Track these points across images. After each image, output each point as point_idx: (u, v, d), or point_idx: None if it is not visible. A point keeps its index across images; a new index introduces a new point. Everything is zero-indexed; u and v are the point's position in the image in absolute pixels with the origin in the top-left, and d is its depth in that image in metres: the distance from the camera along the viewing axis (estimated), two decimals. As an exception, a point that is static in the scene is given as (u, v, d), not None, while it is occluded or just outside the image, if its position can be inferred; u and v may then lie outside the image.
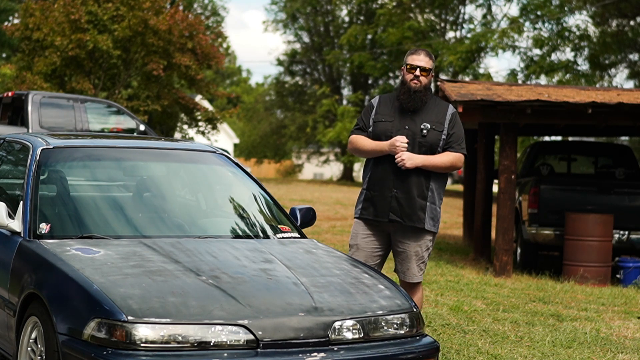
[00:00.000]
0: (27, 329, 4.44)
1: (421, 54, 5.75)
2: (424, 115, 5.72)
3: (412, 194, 5.66)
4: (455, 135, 5.74)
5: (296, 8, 42.42)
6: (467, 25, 37.24)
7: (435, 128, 5.69)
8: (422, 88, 5.70)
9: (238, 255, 4.69)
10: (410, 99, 5.70)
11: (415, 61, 5.72)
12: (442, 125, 5.71)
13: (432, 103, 5.79)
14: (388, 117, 5.75)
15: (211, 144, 18.12)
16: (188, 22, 22.52)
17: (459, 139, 5.75)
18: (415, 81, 5.69)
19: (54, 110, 14.48)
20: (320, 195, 23.57)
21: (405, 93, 5.71)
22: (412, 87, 5.69)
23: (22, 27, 21.85)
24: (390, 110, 5.78)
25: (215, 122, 25.03)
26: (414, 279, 5.78)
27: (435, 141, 5.69)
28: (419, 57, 5.73)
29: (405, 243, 5.74)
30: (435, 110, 5.77)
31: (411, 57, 5.76)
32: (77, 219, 5.04)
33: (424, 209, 5.69)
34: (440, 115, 5.74)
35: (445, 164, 5.69)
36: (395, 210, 5.67)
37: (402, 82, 5.77)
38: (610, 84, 33.04)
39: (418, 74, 5.69)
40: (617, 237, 11.16)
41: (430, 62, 5.75)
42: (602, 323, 7.65)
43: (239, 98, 53.44)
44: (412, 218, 5.67)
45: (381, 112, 5.79)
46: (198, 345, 3.91)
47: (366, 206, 5.78)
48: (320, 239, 10.12)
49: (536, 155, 12.92)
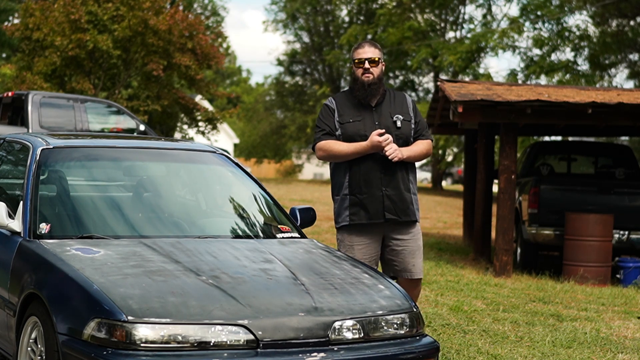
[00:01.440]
0: (27, 329, 4.44)
1: (365, 45, 5.64)
2: (387, 107, 5.64)
3: (401, 189, 5.59)
4: (422, 122, 5.73)
5: (296, 8, 42.41)
6: (467, 25, 37.24)
7: (405, 118, 5.64)
8: (376, 80, 5.59)
9: (238, 255, 4.69)
10: (367, 93, 5.58)
11: (361, 54, 5.60)
12: (409, 114, 5.67)
13: (389, 94, 5.70)
14: (355, 117, 5.59)
15: (211, 144, 18.12)
16: (188, 22, 22.52)
17: (425, 126, 5.74)
18: (366, 75, 5.58)
19: (54, 110, 14.49)
20: (320, 195, 23.57)
21: (360, 89, 5.59)
22: (366, 81, 5.58)
23: (22, 27, 21.85)
24: (353, 109, 5.63)
25: (215, 122, 25.03)
26: (420, 273, 5.72)
27: (408, 132, 5.64)
28: (364, 50, 5.61)
29: (404, 239, 5.67)
30: (397, 101, 5.69)
31: (356, 52, 5.64)
32: (77, 219, 5.04)
33: (412, 202, 5.65)
34: (403, 105, 5.69)
35: (423, 152, 5.67)
36: (389, 208, 5.56)
37: (354, 79, 5.63)
38: (610, 84, 33.04)
39: (367, 66, 5.57)
40: (617, 237, 11.16)
41: (377, 52, 5.63)
42: (602, 323, 7.65)
43: (239, 98, 53.44)
44: (407, 212, 5.62)
45: (344, 112, 5.61)
46: (198, 345, 3.91)
47: (355, 211, 5.58)
48: (320, 239, 10.11)
49: (536, 155, 12.92)
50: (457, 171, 47.76)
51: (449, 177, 50.02)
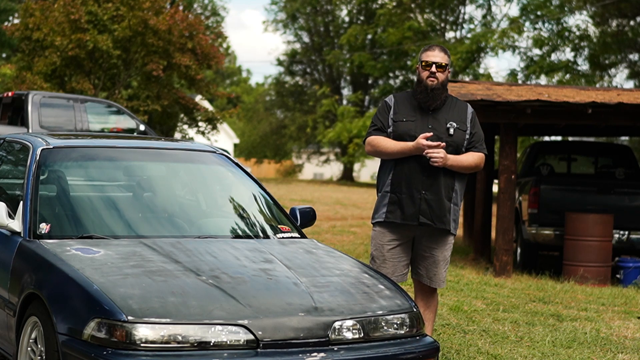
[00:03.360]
0: (27, 329, 4.44)
1: (436, 49, 5.55)
2: (445, 114, 5.53)
3: (441, 195, 5.46)
4: (477, 134, 5.59)
5: (296, 8, 42.44)
6: (467, 25, 37.28)
7: (460, 127, 5.52)
8: (440, 85, 5.49)
9: (238, 255, 4.69)
10: (429, 97, 5.49)
11: (430, 57, 5.50)
12: (465, 124, 5.54)
13: (450, 101, 5.60)
14: (409, 117, 5.50)
15: (211, 144, 18.12)
16: (188, 22, 22.53)
17: (480, 139, 5.60)
18: (431, 78, 5.48)
19: (54, 110, 14.49)
20: (320, 195, 23.57)
21: (423, 92, 5.50)
22: (429, 85, 5.47)
23: (22, 27, 21.86)
24: (410, 110, 5.53)
25: (215, 122, 25.04)
26: (441, 284, 5.61)
27: (460, 141, 5.52)
28: (434, 53, 5.52)
29: (433, 248, 5.56)
30: (456, 109, 5.58)
31: (425, 53, 5.55)
32: (77, 219, 5.04)
33: (449, 211, 5.51)
34: (462, 114, 5.56)
35: (471, 164, 5.53)
36: (425, 212, 5.45)
37: (419, 81, 5.55)
38: (610, 84, 33.04)
39: (434, 70, 5.48)
40: (617, 237, 11.16)
41: (446, 58, 5.54)
42: (602, 323, 7.65)
43: (239, 98, 53.45)
44: (443, 220, 5.48)
45: (400, 111, 5.53)
46: (198, 345, 3.91)
47: (392, 209, 5.50)
48: (320, 239, 10.11)
49: (536, 155, 12.92)
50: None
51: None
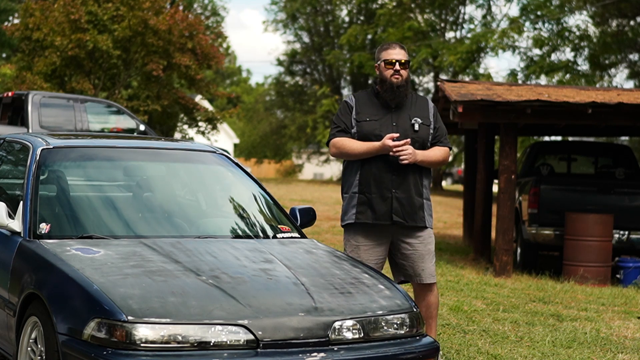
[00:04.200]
0: (27, 329, 4.44)
1: (396, 47, 5.59)
2: (408, 110, 5.57)
3: (411, 193, 5.51)
4: (441, 129, 5.65)
5: (296, 8, 42.41)
6: (467, 25, 37.25)
7: (424, 122, 5.57)
8: (404, 82, 5.54)
9: (238, 255, 4.69)
10: (395, 95, 5.52)
11: (392, 55, 5.54)
12: (429, 119, 5.60)
13: (412, 97, 5.64)
14: (372, 116, 5.53)
15: (211, 144, 18.12)
16: (188, 22, 22.53)
17: (444, 133, 5.66)
18: (396, 76, 5.52)
19: (54, 110, 14.49)
20: (320, 195, 23.57)
21: (388, 90, 5.52)
22: (395, 83, 5.52)
23: (22, 27, 21.86)
24: (372, 108, 5.57)
25: (215, 122, 25.03)
26: (432, 278, 5.61)
27: (426, 136, 5.57)
28: (395, 51, 5.56)
29: (413, 243, 5.58)
30: (418, 104, 5.63)
31: (387, 52, 5.58)
32: (77, 219, 5.04)
33: (422, 207, 5.56)
34: (424, 109, 5.62)
35: (439, 158, 5.58)
36: (397, 211, 5.49)
37: (382, 80, 5.56)
38: (610, 84, 33.04)
39: (398, 68, 5.52)
40: (617, 237, 11.16)
41: (406, 55, 5.60)
42: (602, 323, 7.65)
43: (239, 98, 53.45)
44: (414, 217, 5.53)
45: (363, 111, 5.55)
46: (198, 345, 3.91)
47: (362, 210, 5.52)
48: (320, 239, 10.11)
49: (536, 155, 12.92)
50: (457, 171, 47.80)
51: (449, 177, 50.05)
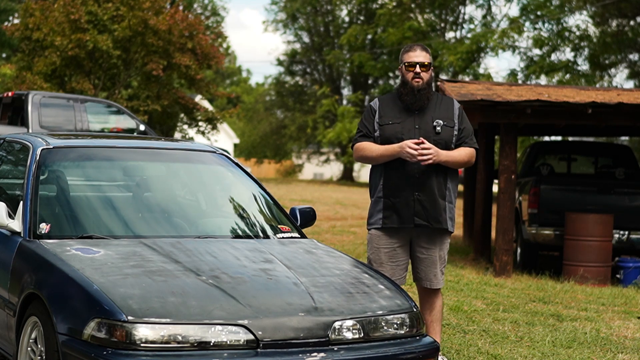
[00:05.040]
0: (27, 329, 4.44)
1: (417, 49, 5.51)
2: (431, 112, 5.49)
3: (435, 195, 5.43)
4: (466, 129, 5.56)
5: (296, 8, 42.44)
6: (467, 25, 37.28)
7: (447, 124, 5.48)
8: (425, 85, 5.46)
9: (238, 255, 4.69)
10: (416, 99, 5.45)
11: (413, 58, 5.47)
12: (453, 120, 5.51)
13: (436, 98, 5.56)
14: (395, 119, 5.45)
15: (211, 144, 18.12)
16: (188, 22, 22.54)
17: (470, 133, 5.57)
18: (417, 79, 5.44)
19: (54, 110, 14.49)
20: (320, 195, 23.57)
21: (409, 93, 5.45)
22: (416, 86, 5.45)
23: (22, 27, 21.87)
24: (395, 112, 5.48)
25: (215, 122, 25.04)
26: (440, 284, 5.59)
27: (449, 138, 5.48)
28: (416, 54, 5.49)
29: (429, 248, 5.53)
30: (442, 105, 5.54)
31: (407, 54, 5.51)
32: (77, 219, 5.04)
33: (445, 210, 5.48)
34: (448, 110, 5.53)
35: (464, 159, 5.51)
36: (420, 214, 5.42)
37: (404, 82, 5.49)
38: (610, 84, 33.04)
39: (418, 70, 5.45)
40: (617, 237, 11.16)
41: (428, 56, 5.51)
42: (602, 323, 7.65)
43: (239, 98, 53.46)
44: (439, 220, 5.45)
45: (386, 114, 5.48)
46: (198, 345, 3.90)
47: (388, 214, 5.46)
48: (320, 239, 10.11)
49: (536, 155, 12.92)
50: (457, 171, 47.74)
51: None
